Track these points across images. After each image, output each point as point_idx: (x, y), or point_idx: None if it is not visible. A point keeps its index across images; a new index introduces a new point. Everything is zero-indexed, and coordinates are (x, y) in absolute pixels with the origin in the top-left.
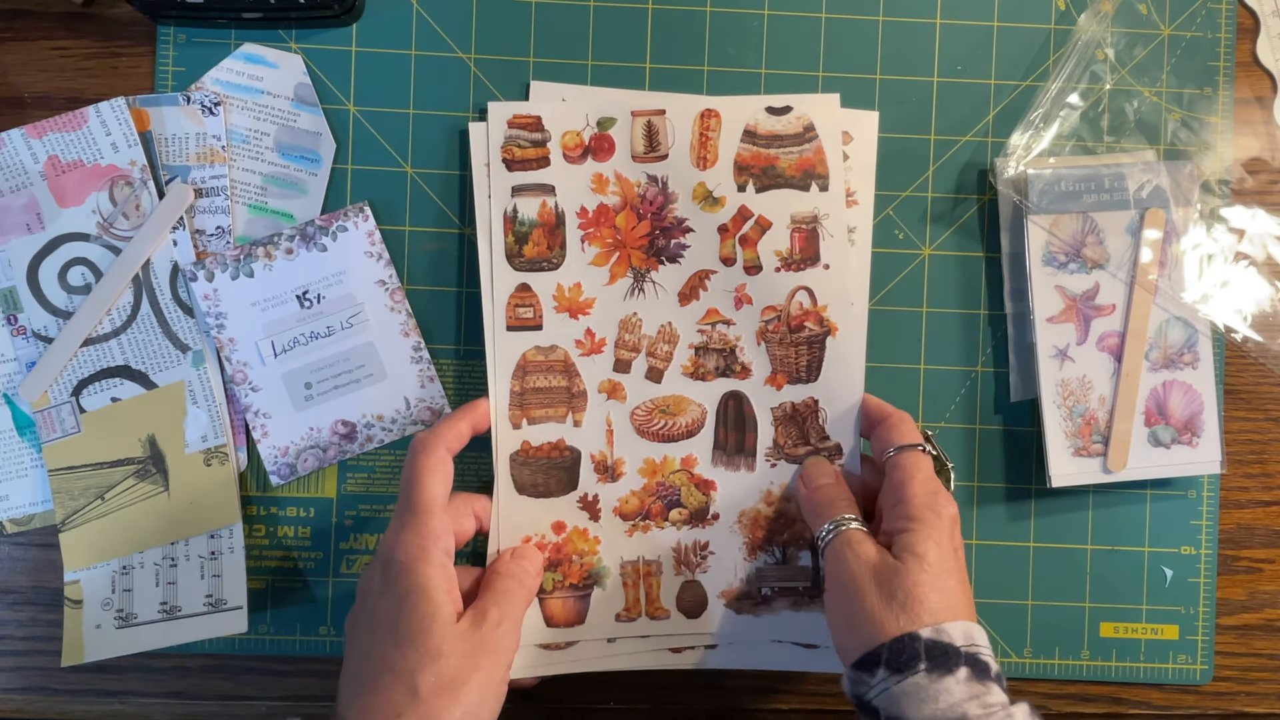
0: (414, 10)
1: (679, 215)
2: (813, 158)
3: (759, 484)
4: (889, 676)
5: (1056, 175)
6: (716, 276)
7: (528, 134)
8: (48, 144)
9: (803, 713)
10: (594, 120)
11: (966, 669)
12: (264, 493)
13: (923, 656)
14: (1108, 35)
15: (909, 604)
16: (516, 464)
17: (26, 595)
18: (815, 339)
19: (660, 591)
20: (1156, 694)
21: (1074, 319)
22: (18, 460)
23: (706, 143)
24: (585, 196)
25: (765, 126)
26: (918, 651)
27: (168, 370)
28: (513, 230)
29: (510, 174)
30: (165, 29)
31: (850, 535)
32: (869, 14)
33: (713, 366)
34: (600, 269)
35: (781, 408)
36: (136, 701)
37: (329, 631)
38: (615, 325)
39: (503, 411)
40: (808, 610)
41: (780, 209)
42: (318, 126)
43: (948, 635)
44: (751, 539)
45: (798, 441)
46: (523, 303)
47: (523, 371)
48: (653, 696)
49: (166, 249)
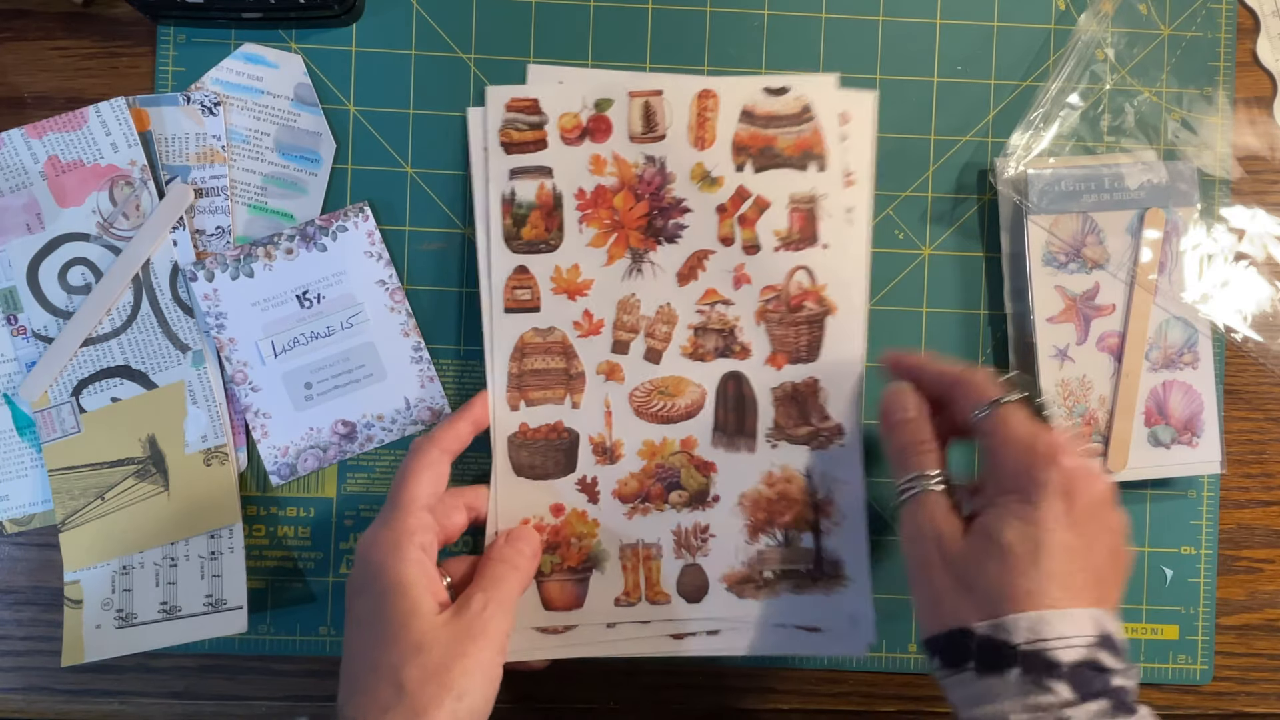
0: (414, 10)
1: (677, 196)
2: (810, 138)
3: (760, 465)
4: (942, 667)
5: (1056, 175)
6: (715, 257)
7: (525, 117)
8: (48, 144)
9: (803, 713)
10: (591, 102)
11: (1019, 670)
12: (264, 493)
13: (973, 654)
14: (1108, 35)
15: (976, 595)
16: (515, 446)
17: (26, 595)
18: (814, 318)
19: (660, 575)
20: (1156, 694)
21: (1074, 319)
22: (18, 460)
23: (704, 123)
24: (583, 178)
25: (763, 107)
26: (969, 649)
27: (168, 370)
28: (511, 213)
29: (508, 157)
30: (165, 29)
31: (926, 500)
32: (869, 14)
33: (712, 347)
34: (598, 250)
35: (781, 388)
36: (136, 701)
37: (329, 631)
38: (613, 306)
39: (500, 394)
40: (809, 593)
41: (778, 189)
42: (318, 126)
43: (1007, 631)
44: (753, 521)
45: (798, 422)
46: (521, 284)
47: (520, 353)
48: (653, 696)
49: (166, 249)
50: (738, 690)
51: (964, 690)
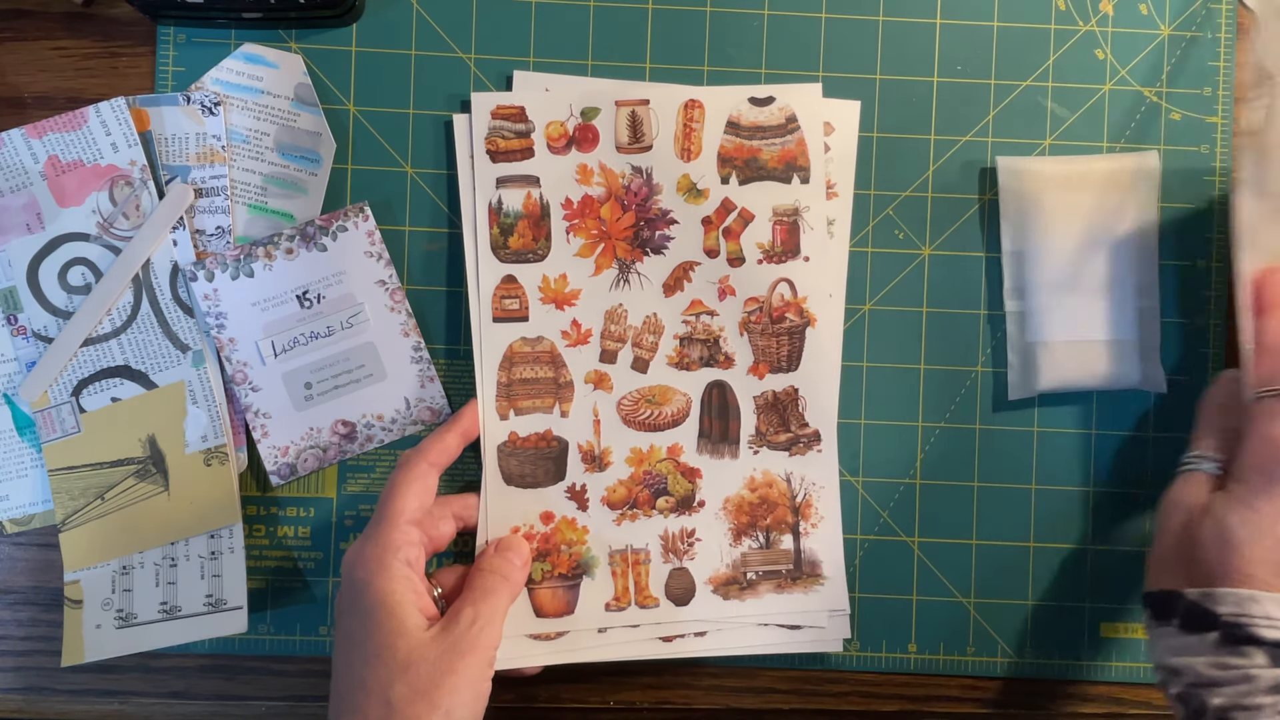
0: (414, 10)
1: (663, 207)
2: (794, 149)
3: (742, 471)
4: (1151, 619)
5: None
6: (700, 268)
7: (511, 125)
8: (48, 144)
9: (803, 713)
10: (578, 110)
11: (1218, 634)
12: (264, 493)
13: (1179, 614)
14: None
15: (1191, 567)
16: (504, 455)
17: (26, 595)
18: (795, 330)
19: (649, 580)
20: (1157, 694)
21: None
22: (18, 460)
23: (690, 134)
24: (570, 187)
25: (748, 118)
26: (1175, 608)
27: (168, 370)
28: (498, 222)
29: (494, 165)
30: (165, 29)
31: (1194, 477)
32: (869, 14)
33: (697, 356)
34: (585, 260)
35: (763, 396)
36: (136, 701)
37: (329, 631)
38: (601, 316)
39: (490, 403)
40: (789, 592)
41: (762, 202)
42: (318, 126)
43: (1214, 600)
44: (736, 525)
45: (779, 429)
46: (509, 294)
47: (509, 363)
48: (653, 696)
49: (166, 249)
50: (738, 690)
51: (1166, 640)
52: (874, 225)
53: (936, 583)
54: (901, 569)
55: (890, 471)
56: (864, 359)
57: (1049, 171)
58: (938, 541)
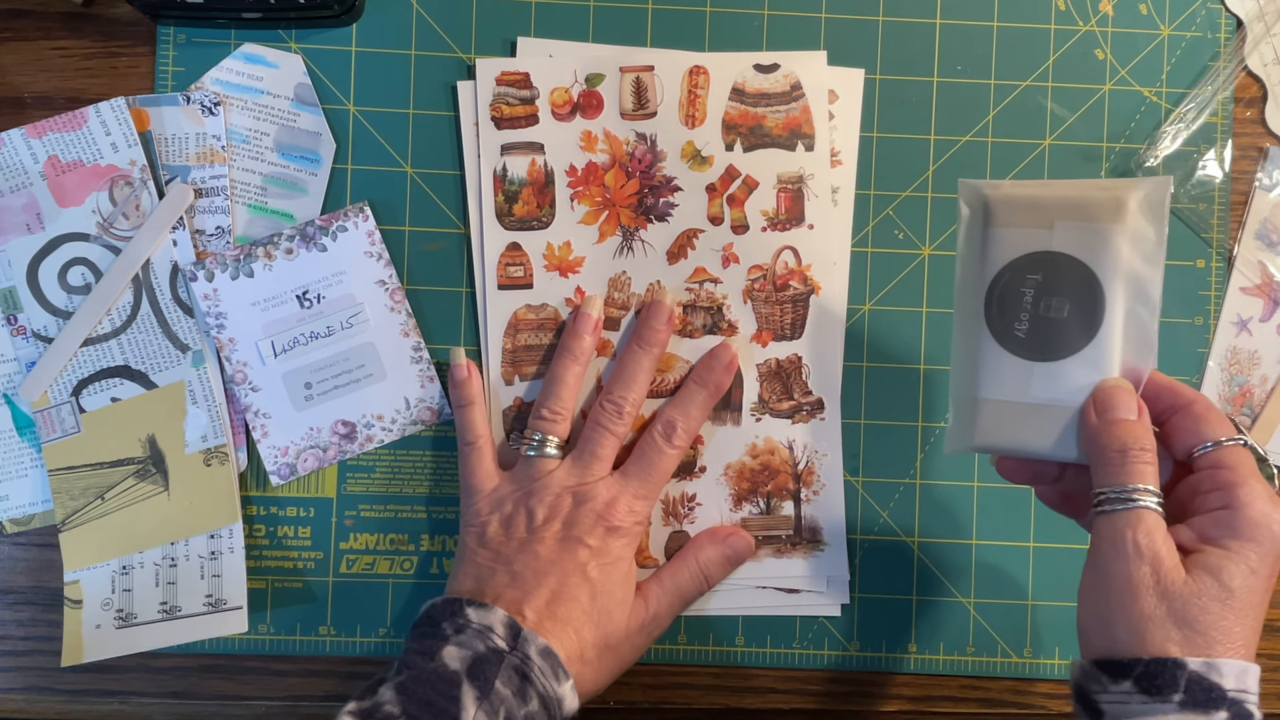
0: (414, 10)
1: (667, 174)
2: (799, 116)
3: (744, 438)
4: (1134, 694)
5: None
6: (704, 235)
7: (516, 91)
8: (48, 144)
9: (803, 713)
10: (582, 77)
11: (1226, 714)
12: (264, 493)
13: (1181, 688)
14: None
15: (1189, 630)
16: (509, 420)
17: (26, 595)
18: (799, 297)
19: (648, 541)
20: None
21: (1264, 297)
22: (18, 460)
23: (695, 100)
24: (574, 154)
25: (753, 85)
26: (1177, 681)
27: (168, 370)
28: (503, 189)
29: (499, 132)
30: (165, 29)
31: (1145, 518)
32: (869, 14)
33: (700, 324)
34: (589, 227)
35: (766, 364)
36: (136, 701)
37: (329, 631)
38: (605, 283)
39: (495, 369)
40: (788, 556)
41: (767, 169)
42: (318, 126)
43: (1218, 673)
44: (737, 490)
45: (782, 396)
46: (513, 261)
47: (514, 329)
48: (653, 696)
49: (166, 249)
50: (738, 690)
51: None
52: (874, 225)
53: (936, 583)
54: (901, 569)
55: (890, 471)
56: (864, 359)
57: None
58: (938, 541)
